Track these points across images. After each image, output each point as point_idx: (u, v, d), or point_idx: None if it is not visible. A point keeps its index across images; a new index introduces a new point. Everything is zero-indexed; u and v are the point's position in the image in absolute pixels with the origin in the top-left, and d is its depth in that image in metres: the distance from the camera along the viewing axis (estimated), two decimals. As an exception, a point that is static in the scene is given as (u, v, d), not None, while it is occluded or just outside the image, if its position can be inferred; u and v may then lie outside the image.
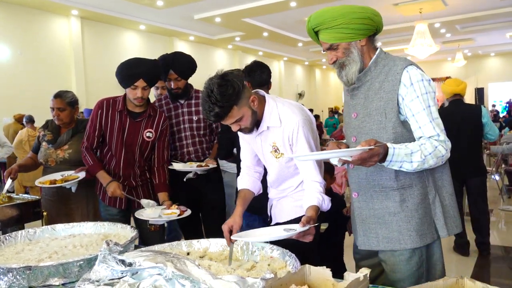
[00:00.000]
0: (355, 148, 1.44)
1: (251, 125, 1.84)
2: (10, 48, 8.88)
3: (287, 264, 1.49)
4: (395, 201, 1.65)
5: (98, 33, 10.66)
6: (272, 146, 1.93)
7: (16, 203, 2.23)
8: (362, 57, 1.67)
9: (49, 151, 2.95)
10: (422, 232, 1.65)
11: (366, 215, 1.73)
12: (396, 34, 13.50)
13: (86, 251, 1.73)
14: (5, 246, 1.80)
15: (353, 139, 1.73)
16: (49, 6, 9.18)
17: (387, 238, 1.68)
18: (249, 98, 1.78)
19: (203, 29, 12.11)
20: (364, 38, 1.65)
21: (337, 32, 1.63)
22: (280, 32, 12.52)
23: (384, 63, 1.67)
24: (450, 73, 19.74)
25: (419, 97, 1.57)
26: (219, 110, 1.70)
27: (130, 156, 2.62)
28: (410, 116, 1.60)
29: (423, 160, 1.52)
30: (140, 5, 9.32)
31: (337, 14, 1.61)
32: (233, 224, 1.76)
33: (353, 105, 1.73)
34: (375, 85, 1.66)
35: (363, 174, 1.69)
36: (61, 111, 2.91)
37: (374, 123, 1.65)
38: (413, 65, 1.63)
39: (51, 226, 2.00)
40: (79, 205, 2.97)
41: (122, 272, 1.24)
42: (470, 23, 12.41)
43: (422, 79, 1.60)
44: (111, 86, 3.27)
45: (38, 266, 1.43)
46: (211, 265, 1.47)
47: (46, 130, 3.01)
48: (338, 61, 1.68)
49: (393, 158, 1.50)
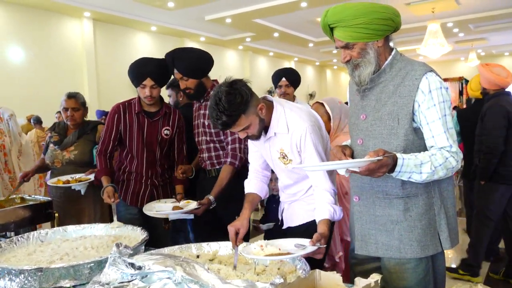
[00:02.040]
0: (363, 159, 1.39)
1: (258, 133, 1.84)
2: (24, 50, 8.99)
3: (297, 269, 1.48)
4: (399, 209, 1.60)
5: (110, 34, 10.74)
6: (279, 152, 1.91)
7: (28, 204, 2.25)
8: (378, 58, 1.59)
9: (55, 152, 2.99)
10: (425, 243, 1.60)
11: (366, 221, 1.68)
12: (408, 34, 13.38)
13: (96, 253, 1.74)
14: (18, 247, 1.82)
15: (359, 142, 1.67)
16: (61, 8, 9.28)
17: (387, 246, 1.63)
18: (257, 106, 1.78)
19: (213, 30, 12.13)
20: (381, 39, 1.58)
21: (355, 31, 1.54)
22: (291, 33, 12.48)
23: (400, 66, 1.60)
24: (463, 73, 19.47)
25: (436, 106, 1.52)
26: (227, 118, 1.71)
27: (151, 155, 2.67)
28: (424, 124, 1.54)
29: (432, 172, 1.48)
30: (152, 6, 9.37)
31: (359, 13, 1.52)
32: (240, 227, 1.76)
33: (363, 106, 1.66)
34: (389, 88, 1.59)
35: (367, 178, 1.63)
36: (75, 111, 2.96)
37: (385, 128, 1.59)
38: (432, 71, 1.56)
39: (63, 228, 2.01)
40: (86, 206, 2.99)
41: (131, 275, 1.24)
42: (483, 22, 12.24)
43: (440, 86, 1.54)
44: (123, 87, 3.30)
45: (50, 268, 1.44)
46: (220, 269, 1.47)
47: (53, 132, 3.05)
48: (353, 61, 1.61)
49: (402, 169, 1.46)
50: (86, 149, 3.01)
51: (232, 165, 2.45)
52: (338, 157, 1.59)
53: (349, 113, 1.79)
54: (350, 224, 1.82)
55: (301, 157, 1.87)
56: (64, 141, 2.98)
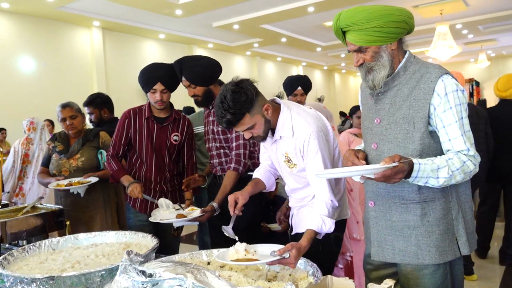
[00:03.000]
0: (379, 166, 1.36)
1: (263, 133, 1.84)
2: (34, 59, 9.11)
3: (308, 274, 1.47)
4: (416, 214, 1.57)
5: (119, 43, 10.85)
6: (285, 156, 1.91)
7: (40, 213, 2.26)
8: (391, 61, 1.56)
9: (61, 162, 3.02)
10: (443, 248, 1.57)
11: (383, 226, 1.65)
12: (416, 36, 13.30)
13: (107, 261, 1.74)
14: (30, 255, 1.83)
15: (373, 146, 1.64)
16: (71, 18, 9.40)
17: (404, 252, 1.60)
18: (262, 106, 1.78)
19: (221, 36, 12.19)
20: (395, 42, 1.55)
21: (368, 35, 1.51)
22: (299, 37, 12.50)
23: (414, 69, 1.57)
24: (473, 75, 19.32)
25: (452, 108, 1.49)
26: (231, 117, 1.73)
27: (160, 161, 2.70)
28: (440, 127, 1.51)
29: (450, 176, 1.44)
30: (160, 14, 9.45)
31: (373, 16, 1.49)
32: (240, 196, 1.85)
33: (377, 110, 1.63)
34: (403, 92, 1.56)
35: (382, 184, 1.59)
36: (73, 118, 3.02)
37: (401, 132, 1.55)
38: (448, 74, 1.53)
39: (74, 236, 2.02)
40: (97, 212, 3.01)
41: (142, 283, 1.23)
42: (492, 23, 12.12)
43: (457, 89, 1.50)
44: (132, 95, 3.34)
45: (61, 276, 1.44)
46: (231, 276, 1.46)
47: (56, 142, 3.06)
48: (366, 64, 1.58)
49: (419, 174, 1.43)
50: (92, 155, 3.06)
51: (235, 171, 2.45)
52: (350, 160, 1.56)
53: (362, 117, 1.77)
54: (365, 229, 1.80)
55: (304, 162, 1.84)
56: (70, 150, 3.02)
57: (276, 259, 1.47)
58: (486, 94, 17.88)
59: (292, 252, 1.50)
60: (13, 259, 1.72)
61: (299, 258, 1.56)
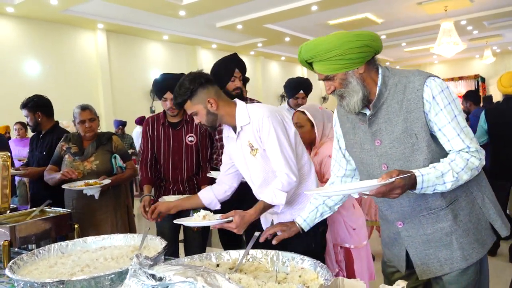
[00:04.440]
0: (374, 183, 1.36)
1: (207, 123, 2.03)
2: (40, 63, 9.16)
3: (318, 276, 1.46)
4: (449, 219, 1.55)
5: (123, 45, 10.88)
6: (248, 145, 2.03)
7: (48, 217, 2.27)
8: (363, 84, 1.54)
9: (75, 163, 3.02)
10: (482, 239, 1.57)
11: (419, 242, 1.62)
12: (421, 34, 13.26)
13: (117, 264, 1.74)
14: (39, 259, 1.83)
15: (383, 167, 1.60)
16: (75, 21, 9.44)
17: (451, 259, 1.57)
18: (205, 99, 1.98)
19: (225, 36, 12.20)
20: (362, 65, 1.53)
21: (331, 64, 1.51)
22: (302, 37, 12.47)
23: (394, 81, 1.55)
24: (479, 71, 19.21)
25: (443, 110, 1.48)
26: (177, 100, 2.00)
27: (177, 162, 2.92)
28: (436, 130, 1.50)
29: (456, 179, 1.43)
30: (163, 15, 9.47)
31: (332, 46, 1.49)
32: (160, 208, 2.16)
33: (373, 133, 1.60)
34: (394, 107, 1.54)
35: (406, 201, 1.58)
36: (92, 121, 3.06)
37: (406, 147, 1.53)
38: (430, 76, 1.52)
39: (83, 239, 2.02)
40: (108, 216, 3.02)
41: (152, 286, 1.23)
42: (498, 19, 12.05)
43: (442, 89, 1.49)
44: (137, 97, 3.34)
45: (71, 280, 1.44)
46: (241, 278, 1.45)
47: (70, 143, 3.06)
48: (336, 91, 1.57)
49: (424, 185, 1.42)
50: (106, 158, 3.08)
51: None
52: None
53: (353, 142, 1.71)
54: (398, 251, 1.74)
55: (262, 141, 1.97)
56: (85, 152, 3.03)
57: (219, 222, 1.79)
58: (492, 90, 17.75)
59: (235, 218, 1.80)
60: (23, 263, 1.73)
61: (243, 225, 1.83)
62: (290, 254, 1.64)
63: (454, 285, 1.59)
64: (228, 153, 2.20)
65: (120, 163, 3.13)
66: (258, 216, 1.93)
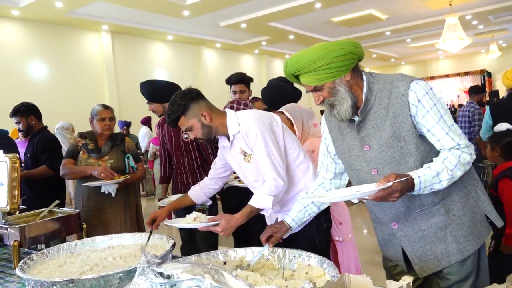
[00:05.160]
0: (372, 189, 1.39)
1: (203, 136, 2.06)
2: (45, 65, 9.23)
3: (325, 272, 1.47)
4: (441, 214, 1.58)
5: (128, 46, 10.93)
6: (241, 153, 2.07)
7: (57, 217, 2.29)
8: (350, 91, 1.55)
9: (90, 161, 3.05)
10: (477, 232, 1.60)
11: (415, 240, 1.64)
12: (425, 29, 13.18)
13: (125, 263, 1.76)
14: (49, 259, 1.85)
15: (373, 172, 1.62)
16: (80, 23, 9.50)
17: (447, 253, 1.60)
18: (199, 112, 2.02)
19: (229, 35, 12.21)
20: (348, 73, 1.55)
21: (318, 74, 1.53)
22: (306, 34, 12.46)
23: (379, 87, 1.57)
24: (484, 66, 19.06)
25: (429, 112, 1.50)
26: (172, 117, 2.03)
27: (179, 157, 3.24)
28: (425, 131, 1.53)
29: (451, 176, 1.47)
30: (167, 16, 9.49)
31: (316, 57, 1.51)
32: (159, 215, 2.15)
33: (362, 138, 1.62)
34: (380, 112, 1.56)
35: (399, 202, 1.60)
36: (111, 121, 3.18)
37: (396, 151, 1.55)
38: (413, 80, 1.54)
39: (91, 238, 2.04)
40: (117, 214, 3.05)
41: (161, 284, 1.25)
42: (503, 12, 11.96)
43: (426, 92, 1.51)
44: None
45: (81, 279, 1.46)
46: (248, 275, 1.46)
47: (87, 139, 3.10)
48: (326, 101, 1.58)
49: (421, 186, 1.45)
50: (120, 158, 3.15)
51: None
52: None
53: (341, 148, 1.73)
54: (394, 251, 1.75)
55: (250, 147, 2.01)
56: (102, 150, 3.09)
57: (205, 225, 1.84)
58: (498, 85, 17.62)
59: (221, 221, 1.85)
60: (33, 263, 1.75)
61: (229, 229, 1.87)
62: (296, 251, 1.65)
63: (454, 276, 1.62)
64: (223, 159, 2.25)
65: (132, 163, 3.19)
66: (245, 220, 1.95)
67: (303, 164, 2.13)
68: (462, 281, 1.61)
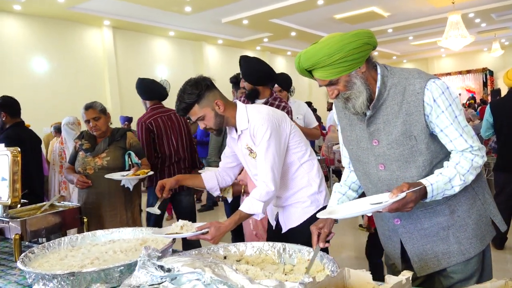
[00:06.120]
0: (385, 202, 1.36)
1: (215, 127, 2.01)
2: (47, 60, 9.23)
3: (325, 267, 1.47)
4: (445, 214, 1.56)
5: (130, 41, 10.92)
6: (247, 148, 2.04)
7: (58, 211, 2.30)
8: (366, 83, 1.50)
9: (86, 159, 3.06)
10: (481, 235, 1.58)
11: (417, 237, 1.62)
12: (428, 27, 13.15)
13: (126, 257, 1.77)
14: (50, 252, 1.86)
15: (381, 167, 1.60)
16: (82, 18, 9.49)
17: (448, 254, 1.59)
18: (213, 101, 1.97)
19: (231, 32, 12.19)
20: (363, 64, 1.50)
21: (334, 68, 1.46)
22: (308, 31, 12.44)
23: (393, 82, 1.52)
24: (487, 64, 19.02)
25: (444, 112, 1.47)
26: (184, 105, 1.95)
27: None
28: (438, 131, 1.50)
29: (463, 181, 1.45)
30: (169, 12, 9.48)
31: (333, 50, 1.43)
32: (167, 181, 2.11)
33: (371, 132, 1.58)
34: (393, 108, 1.52)
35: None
36: (96, 120, 3.03)
37: (405, 149, 1.52)
38: (431, 79, 1.49)
39: (92, 232, 2.05)
40: (117, 212, 3.04)
41: (161, 277, 1.25)
42: (506, 11, 11.91)
43: (442, 91, 1.47)
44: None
45: (81, 272, 1.47)
46: (248, 270, 1.47)
47: (83, 140, 3.10)
48: (342, 94, 1.53)
49: (434, 193, 1.43)
50: (118, 154, 3.09)
51: None
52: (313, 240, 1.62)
53: (350, 139, 1.70)
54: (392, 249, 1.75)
55: (255, 144, 1.99)
56: (96, 148, 3.06)
57: (195, 234, 1.77)
58: (500, 83, 17.58)
59: (210, 229, 1.78)
60: (34, 256, 1.76)
61: (219, 237, 1.80)
62: (297, 246, 1.66)
63: (458, 275, 1.61)
64: (231, 149, 2.23)
65: (135, 160, 3.12)
66: (234, 227, 1.92)
67: (307, 162, 2.12)
68: (466, 280, 1.60)
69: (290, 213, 2.14)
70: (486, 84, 18.93)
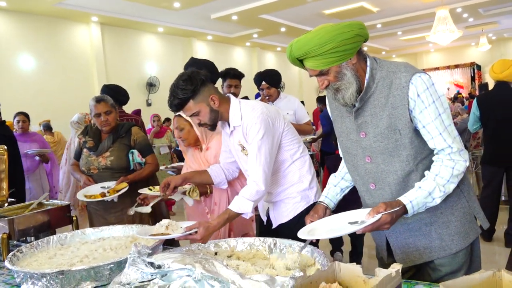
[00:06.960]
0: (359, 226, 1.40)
1: (210, 122, 1.98)
2: (34, 58, 9.10)
3: (315, 261, 1.48)
4: (429, 211, 1.56)
5: (118, 37, 10.81)
6: (239, 145, 2.03)
7: (46, 209, 2.27)
8: (356, 75, 1.51)
9: (90, 159, 2.92)
10: (465, 232, 1.60)
11: (400, 231, 1.65)
12: (416, 22, 13.21)
13: (116, 254, 1.76)
14: (38, 251, 1.84)
15: (367, 159, 1.61)
16: (69, 15, 9.37)
17: (429, 248, 1.61)
18: (208, 96, 1.93)
19: (220, 28, 12.14)
20: (354, 55, 1.50)
21: (325, 58, 1.46)
22: (298, 27, 12.42)
23: (381, 75, 1.53)
24: (474, 59, 19.19)
25: (427, 108, 1.47)
26: (178, 101, 1.90)
27: None
28: (421, 127, 1.50)
29: (444, 192, 1.47)
30: (158, 7, 9.40)
31: (325, 40, 1.43)
32: (172, 179, 2.07)
33: (359, 125, 1.59)
34: (380, 101, 1.52)
35: (388, 194, 1.60)
36: (108, 114, 2.86)
37: (390, 142, 1.53)
38: (416, 73, 1.49)
39: (81, 230, 2.04)
40: (124, 213, 2.94)
41: (151, 274, 1.25)
42: (493, 6, 12.01)
43: (427, 87, 1.47)
44: (132, 90, 3.38)
45: (71, 271, 1.46)
46: (239, 265, 1.47)
47: (87, 137, 2.96)
48: (331, 85, 1.53)
49: (415, 209, 1.46)
50: (122, 153, 2.91)
51: None
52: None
53: (341, 130, 1.71)
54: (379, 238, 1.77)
55: (247, 142, 1.97)
56: (100, 147, 2.90)
57: (184, 234, 1.71)
58: (487, 77, 17.77)
59: (199, 229, 1.72)
60: (22, 255, 1.74)
61: (208, 236, 1.74)
62: (288, 241, 1.66)
63: (446, 267, 1.62)
64: (226, 142, 2.21)
65: (138, 159, 2.95)
66: (223, 226, 1.91)
67: (299, 159, 2.12)
68: (454, 273, 1.61)
69: (281, 209, 2.14)
70: (474, 78, 19.11)
